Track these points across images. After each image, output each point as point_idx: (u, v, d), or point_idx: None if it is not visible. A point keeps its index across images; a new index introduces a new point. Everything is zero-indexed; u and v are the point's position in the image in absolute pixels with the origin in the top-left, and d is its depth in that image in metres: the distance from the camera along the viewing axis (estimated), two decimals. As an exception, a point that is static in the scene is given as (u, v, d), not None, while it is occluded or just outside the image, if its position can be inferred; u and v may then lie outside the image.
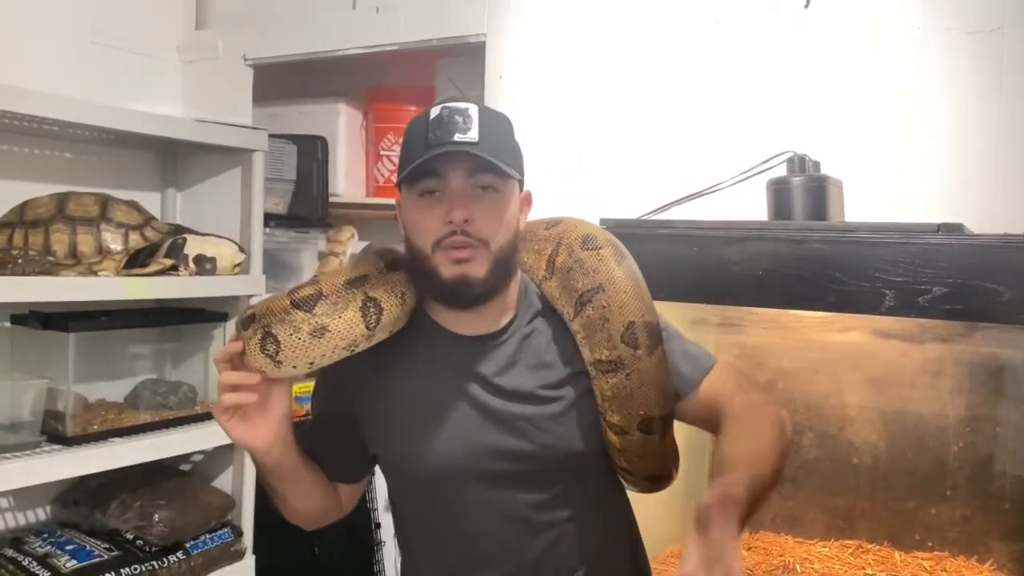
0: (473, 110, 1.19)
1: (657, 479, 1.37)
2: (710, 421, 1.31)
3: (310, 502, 1.36)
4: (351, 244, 2.58)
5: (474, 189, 1.19)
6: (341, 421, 1.35)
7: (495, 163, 1.17)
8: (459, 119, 1.17)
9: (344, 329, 1.18)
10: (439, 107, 1.19)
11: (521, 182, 1.27)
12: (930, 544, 1.92)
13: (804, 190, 1.80)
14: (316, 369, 1.23)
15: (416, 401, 1.28)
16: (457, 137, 1.16)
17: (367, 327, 1.20)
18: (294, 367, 1.19)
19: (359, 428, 1.34)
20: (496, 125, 1.22)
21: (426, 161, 1.16)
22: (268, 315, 1.18)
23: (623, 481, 1.39)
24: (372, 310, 1.20)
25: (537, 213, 1.38)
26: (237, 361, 1.20)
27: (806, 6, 1.93)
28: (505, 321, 1.29)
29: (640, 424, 1.27)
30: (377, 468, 1.41)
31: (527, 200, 1.31)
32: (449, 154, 1.17)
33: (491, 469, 1.26)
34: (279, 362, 1.18)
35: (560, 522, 1.29)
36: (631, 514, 1.42)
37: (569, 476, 1.29)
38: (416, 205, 1.21)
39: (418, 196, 1.21)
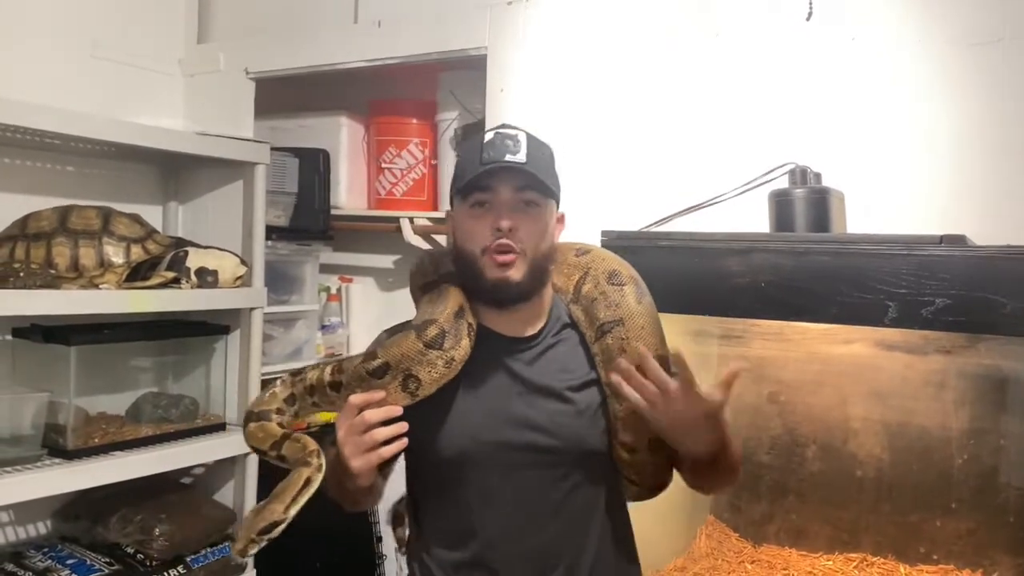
0: (522, 136, 1.36)
1: (658, 488, 1.50)
2: None
3: (372, 496, 1.47)
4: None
5: (519, 203, 1.35)
6: None
7: (540, 179, 1.34)
8: (510, 142, 1.35)
9: (463, 355, 1.36)
10: (492, 132, 1.38)
11: (557, 204, 1.42)
12: (935, 557, 1.91)
13: (806, 202, 1.81)
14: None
15: (457, 388, 1.40)
16: (508, 157, 1.33)
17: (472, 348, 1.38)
18: (425, 394, 1.35)
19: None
20: (541, 151, 1.38)
21: (480, 175, 1.33)
22: (405, 360, 1.33)
23: (628, 489, 1.50)
24: (472, 333, 1.38)
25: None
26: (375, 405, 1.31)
27: (807, 18, 1.94)
28: (538, 327, 1.45)
29: (649, 444, 1.39)
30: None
31: (561, 220, 1.46)
32: (500, 170, 1.33)
33: (512, 457, 1.37)
34: (416, 395, 1.34)
35: (570, 513, 1.39)
36: (628, 517, 1.53)
37: (583, 472, 1.40)
38: (468, 214, 1.37)
39: (470, 207, 1.37)
